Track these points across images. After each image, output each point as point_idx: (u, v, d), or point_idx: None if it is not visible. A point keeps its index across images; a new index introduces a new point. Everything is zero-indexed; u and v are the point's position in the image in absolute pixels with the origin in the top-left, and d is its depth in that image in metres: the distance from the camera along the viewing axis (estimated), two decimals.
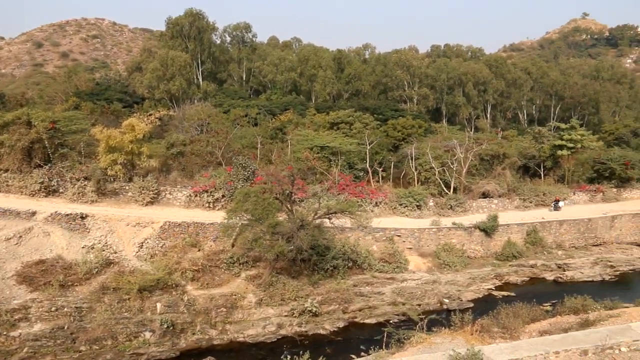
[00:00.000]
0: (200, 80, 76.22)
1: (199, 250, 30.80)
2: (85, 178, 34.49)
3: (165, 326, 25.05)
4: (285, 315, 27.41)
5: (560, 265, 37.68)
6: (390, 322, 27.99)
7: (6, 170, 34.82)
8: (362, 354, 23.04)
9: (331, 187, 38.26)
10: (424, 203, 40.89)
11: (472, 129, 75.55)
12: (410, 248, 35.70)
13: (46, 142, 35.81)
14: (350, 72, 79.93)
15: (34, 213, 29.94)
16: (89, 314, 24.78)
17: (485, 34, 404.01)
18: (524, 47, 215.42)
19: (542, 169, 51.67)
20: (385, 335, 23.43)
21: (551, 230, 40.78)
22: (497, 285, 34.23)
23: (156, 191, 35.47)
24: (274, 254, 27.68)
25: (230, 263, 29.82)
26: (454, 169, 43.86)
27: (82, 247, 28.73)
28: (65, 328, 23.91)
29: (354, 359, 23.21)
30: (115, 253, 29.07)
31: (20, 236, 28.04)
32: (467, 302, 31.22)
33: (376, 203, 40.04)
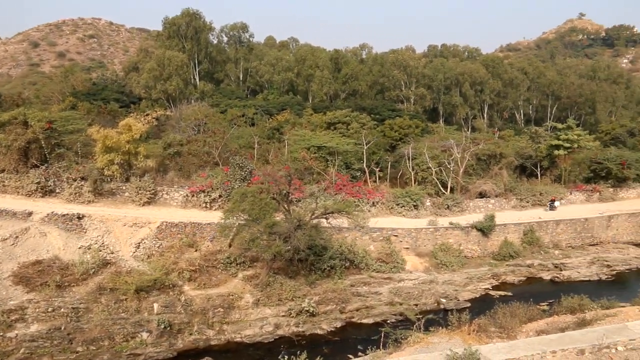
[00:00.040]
0: (197, 80, 76.01)
1: (196, 251, 30.76)
2: (82, 178, 34.43)
3: (163, 327, 25.02)
4: (283, 316, 27.42)
5: (557, 264, 37.79)
6: (388, 322, 28.02)
7: (2, 171, 34.74)
8: (360, 354, 23.01)
9: (328, 187, 38.35)
10: (421, 203, 40.94)
11: (469, 129, 75.56)
12: (408, 248, 35.75)
13: (43, 142, 35.73)
14: (347, 72, 79.87)
15: (30, 213, 29.84)
16: (85, 315, 24.74)
17: (483, 34, 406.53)
18: (520, 47, 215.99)
19: (538, 169, 51.80)
20: (383, 335, 23.36)
21: (548, 230, 40.90)
22: (494, 285, 34.35)
23: (153, 191, 35.44)
24: (271, 254, 27.67)
25: (228, 263, 29.79)
26: (451, 168, 43.91)
27: (79, 248, 28.67)
28: (62, 329, 23.87)
29: (351, 359, 23.19)
30: (112, 253, 29.02)
31: (17, 237, 27.95)
32: (464, 301, 31.31)
33: (373, 203, 40.07)
